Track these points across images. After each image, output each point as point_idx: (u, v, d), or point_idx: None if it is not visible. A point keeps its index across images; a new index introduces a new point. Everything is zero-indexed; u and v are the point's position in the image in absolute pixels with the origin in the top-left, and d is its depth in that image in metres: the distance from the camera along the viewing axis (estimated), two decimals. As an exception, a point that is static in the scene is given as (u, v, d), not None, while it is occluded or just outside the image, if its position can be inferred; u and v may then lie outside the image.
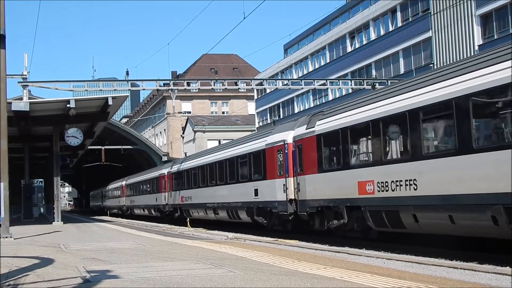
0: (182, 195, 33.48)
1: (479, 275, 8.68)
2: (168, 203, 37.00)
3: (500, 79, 10.88)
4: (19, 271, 9.38)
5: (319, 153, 17.78)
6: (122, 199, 57.07)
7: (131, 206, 52.50)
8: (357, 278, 7.89)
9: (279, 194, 20.17)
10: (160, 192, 39.26)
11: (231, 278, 8.13)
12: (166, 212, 37.33)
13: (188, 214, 32.42)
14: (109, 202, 67.67)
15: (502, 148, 10.83)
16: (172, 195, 36.18)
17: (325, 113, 18.09)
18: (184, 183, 33.40)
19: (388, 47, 46.49)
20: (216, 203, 27.36)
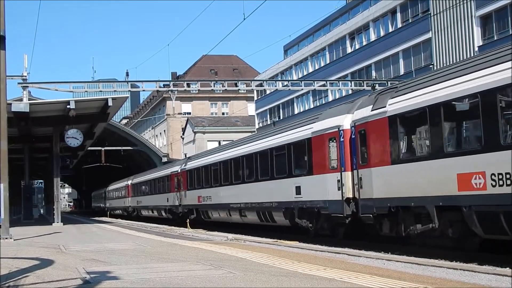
0: (199, 194, 29.90)
1: (479, 276, 8.69)
2: (181, 204, 33.52)
3: None
4: (19, 272, 9.39)
5: (394, 138, 14.03)
6: (127, 200, 53.53)
7: (138, 207, 49.01)
8: (357, 279, 7.89)
9: (331, 192, 16.65)
10: (172, 192, 35.88)
11: (230, 279, 8.14)
12: (179, 213, 33.87)
13: (206, 216, 29.32)
14: (112, 203, 64.30)
15: None
16: (186, 195, 32.63)
17: (399, 89, 14.39)
18: (202, 181, 29.74)
19: (388, 48, 46.51)
20: (243, 204, 23.89)
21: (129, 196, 52.56)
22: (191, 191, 31.59)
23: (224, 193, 26.35)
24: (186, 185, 32.56)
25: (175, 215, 35.02)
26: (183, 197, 33.12)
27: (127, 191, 53.74)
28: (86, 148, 42.55)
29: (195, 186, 30.88)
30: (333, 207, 16.59)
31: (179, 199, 33.86)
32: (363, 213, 15.24)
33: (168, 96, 74.49)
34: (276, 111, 68.98)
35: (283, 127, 21.87)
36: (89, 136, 36.60)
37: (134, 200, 50.52)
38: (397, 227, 14.16)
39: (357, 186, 15.54)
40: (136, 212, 49.62)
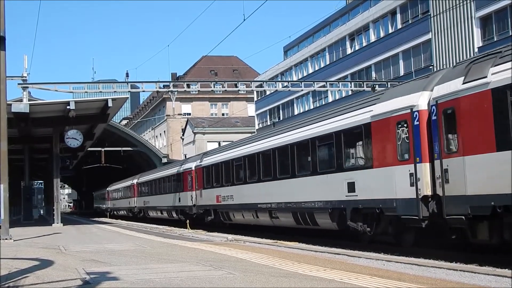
0: (219, 193, 26.70)
1: (478, 277, 8.69)
2: (196, 204, 30.24)
3: None
4: (19, 273, 9.39)
5: (501, 117, 10.91)
6: (133, 200, 50.04)
7: (145, 208, 45.40)
8: (357, 280, 7.89)
9: (400, 188, 13.46)
10: (185, 191, 32.43)
11: (230, 280, 8.14)
12: (193, 214, 30.64)
13: (226, 217, 26.22)
14: (116, 204, 61.11)
15: None
16: (202, 194, 29.27)
17: (505, 54, 11.37)
18: (221, 179, 26.49)
19: (388, 49, 46.52)
20: (275, 204, 20.67)
21: (135, 196, 49.24)
22: (208, 190, 28.36)
23: (250, 191, 23.02)
24: (202, 184, 29.13)
25: (188, 217, 31.42)
26: (198, 196, 29.92)
27: (132, 191, 50.53)
28: (86, 148, 42.55)
29: (213, 184, 27.52)
30: (403, 207, 13.43)
31: (193, 199, 30.66)
32: (450, 213, 12.11)
33: (168, 97, 74.48)
34: (276, 112, 68.99)
35: (328, 112, 18.29)
36: (89, 137, 36.61)
37: (140, 200, 47.20)
38: (501, 232, 11.41)
39: (439, 181, 12.45)
40: (142, 213, 46.51)
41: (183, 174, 33.28)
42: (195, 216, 30.59)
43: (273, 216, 21.05)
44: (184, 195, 32.74)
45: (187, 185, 32.12)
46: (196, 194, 30.44)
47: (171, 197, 35.81)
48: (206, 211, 28.70)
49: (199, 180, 29.95)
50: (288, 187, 19.78)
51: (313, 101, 59.37)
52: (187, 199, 31.87)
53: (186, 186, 32.45)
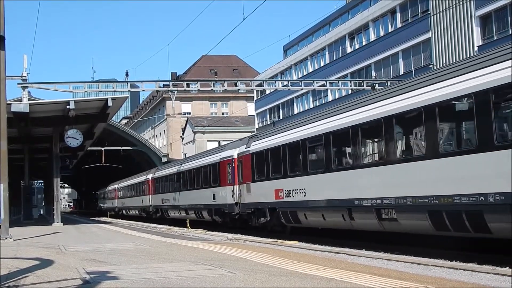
0: (279, 187, 20.45)
1: (478, 275, 8.69)
2: (241, 202, 24.43)
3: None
4: (19, 272, 9.39)
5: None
6: (147, 198, 43.89)
7: (163, 207, 39.01)
8: (357, 279, 7.89)
9: None
10: (223, 186, 26.44)
11: (230, 279, 8.14)
12: (235, 215, 25.10)
13: (292, 219, 19.77)
14: (126, 202, 54.57)
15: None
16: (251, 188, 23.22)
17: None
18: (284, 167, 20.13)
19: (387, 48, 46.50)
20: (391, 199, 14.13)
21: (150, 193, 43.18)
22: (260, 184, 22.15)
23: (339, 182, 16.61)
24: (251, 175, 22.95)
25: (227, 218, 26.36)
26: (244, 192, 23.72)
27: (147, 187, 44.22)
28: (85, 148, 42.55)
29: (269, 175, 21.12)
30: None
31: (235, 195, 24.70)
32: None
33: (168, 96, 74.51)
34: (276, 111, 68.98)
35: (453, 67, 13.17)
36: (88, 136, 36.62)
37: (157, 198, 40.79)
38: None
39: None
40: (160, 213, 39.89)
41: (220, 164, 26.93)
42: (238, 216, 24.68)
43: (385, 217, 14.46)
44: (221, 191, 26.60)
45: (226, 178, 25.98)
46: (241, 189, 24.18)
47: (201, 194, 29.67)
48: (258, 210, 22.29)
49: (246, 170, 23.51)
50: (421, 172, 13.14)
51: (313, 100, 59.37)
52: (225, 195, 25.85)
53: (224, 180, 26.27)
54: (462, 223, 11.88)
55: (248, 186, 23.31)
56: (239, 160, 24.66)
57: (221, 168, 26.76)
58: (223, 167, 26.55)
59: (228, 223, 26.49)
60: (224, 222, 26.95)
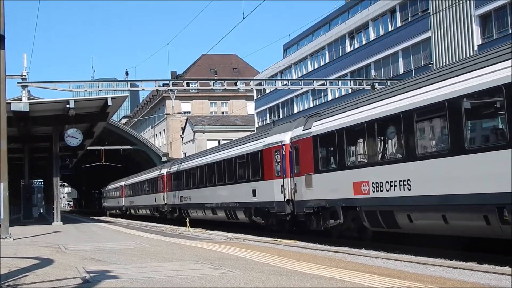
0: (360, 179, 15.70)
1: (478, 275, 8.68)
2: (296, 199, 19.44)
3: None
4: (19, 272, 9.39)
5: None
6: (161, 196, 38.93)
7: (182, 206, 33.68)
8: (357, 278, 7.89)
9: None
10: (267, 179, 21.62)
11: (230, 278, 8.14)
12: (286, 215, 20.12)
13: (389, 222, 14.71)
14: (135, 200, 49.75)
15: None
16: (313, 182, 18.29)
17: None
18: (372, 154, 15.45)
19: (387, 47, 46.51)
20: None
21: (165, 190, 38.22)
22: (327, 176, 17.30)
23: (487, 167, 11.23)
24: (314, 165, 18.02)
25: (272, 219, 21.63)
26: (300, 187, 18.78)
27: (161, 184, 39.34)
28: (85, 147, 42.54)
29: (343, 163, 16.27)
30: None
31: (288, 191, 19.87)
32: None
33: (168, 96, 74.49)
34: (276, 110, 68.99)
35: None
36: (88, 136, 36.61)
37: (174, 195, 35.79)
38: None
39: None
40: (178, 213, 34.81)
41: (263, 153, 21.93)
42: (290, 218, 19.91)
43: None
44: (265, 186, 21.69)
45: (272, 170, 21.01)
46: (296, 183, 19.27)
47: (236, 190, 24.90)
48: (324, 210, 17.52)
49: (305, 159, 18.65)
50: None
51: (313, 99, 59.38)
52: (271, 191, 20.87)
53: (269, 172, 21.36)
54: None
55: (308, 179, 18.29)
56: (292, 147, 19.64)
57: (265, 158, 21.72)
58: (268, 157, 21.45)
59: (273, 225, 21.72)
60: (269, 225, 22.05)
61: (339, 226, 16.81)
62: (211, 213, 28.31)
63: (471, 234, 12.25)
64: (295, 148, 19.41)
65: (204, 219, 29.83)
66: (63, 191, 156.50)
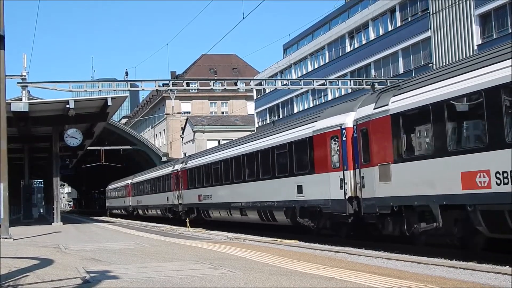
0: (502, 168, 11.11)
1: (478, 274, 8.68)
2: (354, 195, 16.07)
3: None
4: (19, 272, 9.38)
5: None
6: (175, 195, 34.93)
7: (203, 206, 29.59)
8: (357, 278, 7.89)
9: None
10: (319, 172, 17.63)
11: (230, 278, 8.14)
12: (348, 217, 16.28)
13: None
14: (143, 200, 45.89)
15: None
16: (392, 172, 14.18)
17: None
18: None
19: (387, 47, 46.51)
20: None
21: (180, 188, 34.14)
22: (416, 165, 13.30)
23: None
24: (393, 152, 13.97)
25: (325, 221, 17.72)
26: (372, 180, 14.68)
27: (175, 181, 35.44)
28: (85, 147, 42.53)
29: (444, 147, 12.30)
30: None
31: (350, 186, 15.98)
32: None
33: (168, 96, 74.51)
34: (276, 110, 68.99)
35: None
36: (88, 136, 36.61)
37: (191, 194, 31.61)
38: None
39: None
40: (196, 214, 30.96)
41: (313, 141, 18.03)
42: (353, 219, 16.10)
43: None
44: (316, 180, 17.83)
45: (327, 161, 17.09)
46: (364, 176, 15.27)
47: (274, 187, 21.00)
48: (409, 210, 13.58)
49: (379, 145, 14.56)
50: None
51: (313, 99, 59.37)
52: (325, 187, 17.16)
53: (322, 163, 17.37)
54: None
55: (384, 170, 14.30)
56: (359, 130, 15.55)
57: (316, 146, 17.89)
58: (321, 144, 17.61)
59: (326, 229, 17.95)
60: (319, 228, 18.24)
61: (435, 230, 12.81)
62: (238, 214, 24.60)
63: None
64: (362, 132, 15.32)
65: (229, 221, 26.43)
66: (63, 191, 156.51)
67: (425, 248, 13.36)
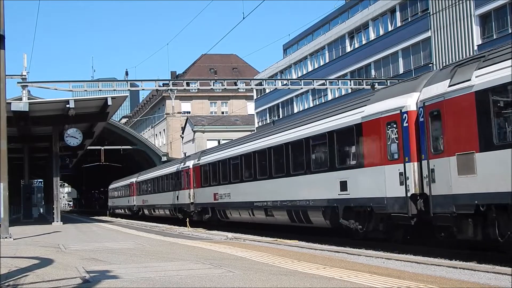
0: None
1: (478, 274, 8.69)
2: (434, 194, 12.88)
3: None
4: (19, 272, 9.38)
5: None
6: (185, 193, 32.13)
7: (218, 206, 27.06)
8: (357, 278, 7.89)
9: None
10: (374, 165, 14.88)
11: (230, 278, 8.14)
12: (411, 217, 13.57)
13: None
14: (149, 199, 42.82)
15: None
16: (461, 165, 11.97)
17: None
18: None
19: (387, 47, 46.51)
20: None
21: (191, 186, 31.42)
22: None
23: None
24: (484, 137, 11.24)
25: (376, 223, 15.13)
26: (446, 175, 12.14)
27: (186, 179, 32.54)
28: (85, 147, 42.52)
29: None
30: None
31: (415, 182, 13.33)
32: None
33: (168, 95, 74.48)
34: (276, 110, 68.99)
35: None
36: (88, 136, 36.61)
37: (205, 192, 29.07)
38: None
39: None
40: (211, 214, 28.47)
41: (363, 128, 15.35)
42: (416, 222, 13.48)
43: None
44: (366, 175, 15.22)
45: (382, 152, 14.47)
46: (434, 168, 12.64)
47: (307, 183, 18.50)
48: (500, 209, 11.08)
49: (459, 130, 11.93)
50: None
51: (313, 99, 59.37)
52: (378, 182, 14.56)
53: (375, 155, 14.81)
54: None
55: (465, 161, 11.65)
56: (426, 114, 12.89)
57: (367, 135, 15.20)
58: (373, 132, 14.91)
59: (378, 232, 15.19)
60: (369, 231, 15.47)
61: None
62: (263, 215, 22.09)
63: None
64: (432, 116, 12.71)
65: (251, 222, 23.95)
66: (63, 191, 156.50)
67: (425, 248, 13.37)
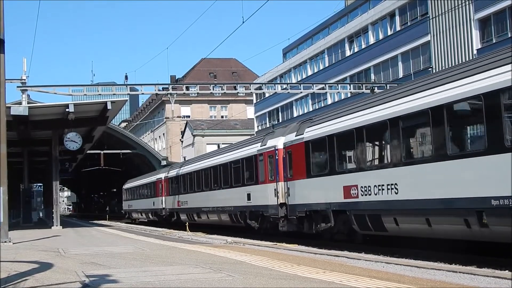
0: None
1: (478, 278, 8.69)
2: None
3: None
4: (18, 276, 9.37)
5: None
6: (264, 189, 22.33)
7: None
8: (356, 282, 7.89)
9: None
10: None
11: (230, 282, 8.13)
12: None
13: None
14: (191, 200, 31.98)
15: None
16: None
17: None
18: None
19: (386, 51, 46.55)
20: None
21: (281, 179, 20.59)
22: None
23: None
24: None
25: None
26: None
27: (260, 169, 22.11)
28: (85, 151, 42.53)
29: None
30: None
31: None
32: None
33: (167, 99, 74.36)
34: (275, 114, 69.00)
35: None
36: (88, 140, 36.61)
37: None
38: None
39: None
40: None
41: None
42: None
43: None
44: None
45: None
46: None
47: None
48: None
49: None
50: None
51: (312, 103, 59.38)
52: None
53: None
54: None
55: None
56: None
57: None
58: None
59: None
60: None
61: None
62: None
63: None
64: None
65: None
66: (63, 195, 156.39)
67: (425, 252, 13.37)
